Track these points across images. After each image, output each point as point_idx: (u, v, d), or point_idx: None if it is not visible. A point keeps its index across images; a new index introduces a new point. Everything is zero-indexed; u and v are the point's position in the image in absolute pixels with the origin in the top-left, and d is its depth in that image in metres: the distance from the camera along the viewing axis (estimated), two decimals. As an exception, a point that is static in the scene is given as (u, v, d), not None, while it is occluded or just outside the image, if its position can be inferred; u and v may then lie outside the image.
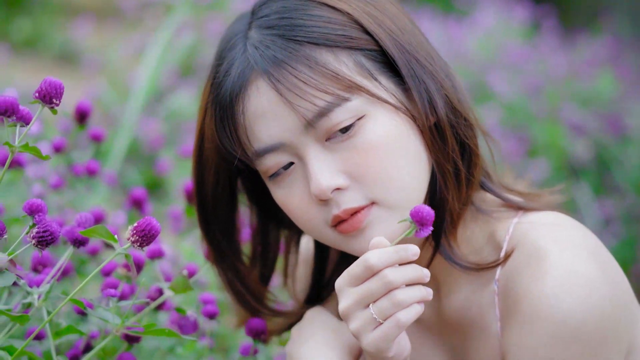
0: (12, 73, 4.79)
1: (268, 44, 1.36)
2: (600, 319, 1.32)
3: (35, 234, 1.26)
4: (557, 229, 1.41)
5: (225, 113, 1.39)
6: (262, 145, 1.37)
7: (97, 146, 2.00)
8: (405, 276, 1.26)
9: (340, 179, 1.36)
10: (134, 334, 1.38)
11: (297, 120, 1.35)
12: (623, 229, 4.14)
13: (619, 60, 5.46)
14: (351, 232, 1.38)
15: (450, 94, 1.42)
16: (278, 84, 1.34)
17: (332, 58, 1.36)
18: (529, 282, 1.35)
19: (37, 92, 1.25)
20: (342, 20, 1.38)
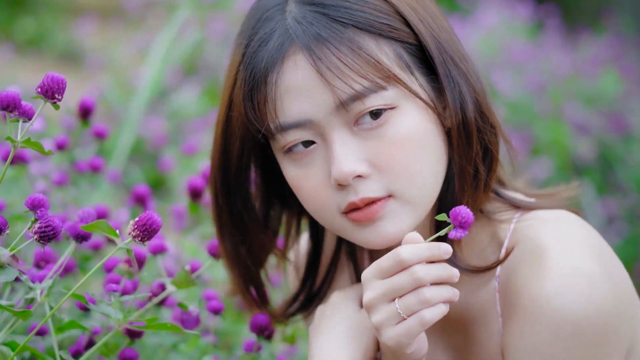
0: (15, 72, 4.80)
1: (311, 21, 1.34)
2: (602, 316, 1.31)
3: (38, 229, 1.26)
4: (558, 225, 1.40)
5: (256, 83, 1.37)
6: (289, 119, 1.36)
7: (100, 143, 2.00)
8: (435, 274, 1.26)
9: (363, 166, 1.35)
10: (136, 328, 1.38)
11: (330, 100, 1.33)
12: (626, 227, 4.15)
13: (623, 59, 5.46)
14: (363, 222, 1.37)
15: (481, 98, 1.42)
16: (319, 62, 1.32)
17: (374, 45, 1.35)
18: (530, 279, 1.35)
19: (40, 87, 1.25)
20: (386, 9, 1.37)
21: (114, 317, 1.35)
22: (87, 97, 1.84)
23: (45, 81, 1.25)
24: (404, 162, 1.35)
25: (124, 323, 1.36)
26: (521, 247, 1.39)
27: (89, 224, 1.26)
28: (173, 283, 1.43)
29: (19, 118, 1.26)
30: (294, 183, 1.41)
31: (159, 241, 1.58)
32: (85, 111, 1.84)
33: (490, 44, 5.06)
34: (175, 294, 1.58)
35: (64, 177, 1.93)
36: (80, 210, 1.45)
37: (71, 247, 1.40)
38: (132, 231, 1.26)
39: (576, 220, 1.42)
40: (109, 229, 1.26)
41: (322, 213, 1.41)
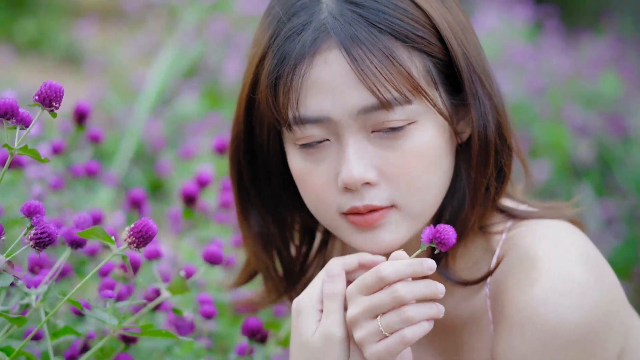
0: (16, 74, 4.81)
1: (350, 21, 1.33)
2: (591, 325, 1.32)
3: (33, 236, 1.27)
4: (547, 233, 1.41)
5: (284, 71, 1.35)
6: (309, 113, 1.35)
7: (96, 147, 2.01)
8: (417, 292, 1.26)
9: (372, 173, 1.35)
10: (130, 334, 1.39)
11: (355, 103, 1.33)
12: (625, 229, 4.14)
13: (622, 60, 5.45)
14: (362, 227, 1.38)
15: (502, 119, 1.41)
16: (354, 63, 1.31)
17: (407, 56, 1.34)
18: (519, 287, 1.35)
19: (37, 95, 1.25)
20: (422, 21, 1.36)
21: (108, 322, 1.35)
22: (82, 101, 1.84)
23: (43, 89, 1.25)
24: (413, 176, 1.35)
25: (119, 329, 1.37)
26: (511, 256, 1.40)
27: (84, 231, 1.27)
28: (168, 289, 1.43)
29: (17, 125, 1.27)
30: (299, 175, 1.41)
31: (154, 247, 1.59)
32: (80, 115, 1.84)
33: (490, 45, 5.04)
34: (170, 298, 1.58)
35: (60, 181, 1.94)
36: (76, 215, 1.45)
37: (66, 252, 1.41)
38: (128, 237, 1.26)
39: (566, 227, 1.42)
40: (105, 235, 1.27)
41: (322, 210, 1.41)
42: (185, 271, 1.56)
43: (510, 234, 1.43)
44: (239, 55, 4.34)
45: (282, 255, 1.56)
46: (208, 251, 1.52)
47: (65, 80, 5.27)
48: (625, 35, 6.20)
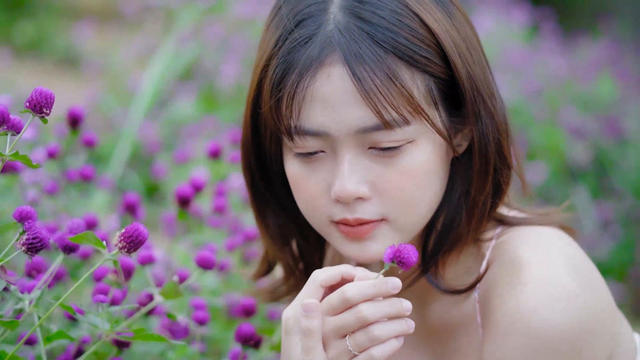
0: (14, 76, 4.82)
1: (356, 38, 1.32)
2: (579, 332, 1.33)
3: (25, 241, 1.27)
4: (536, 238, 1.42)
5: (287, 80, 1.35)
6: (309, 126, 1.35)
7: (90, 151, 2.02)
8: (381, 312, 1.25)
9: (365, 188, 1.35)
10: (124, 339, 1.40)
11: (354, 122, 1.33)
12: (621, 231, 4.17)
13: (619, 63, 5.46)
14: (351, 237, 1.39)
15: (503, 139, 1.41)
16: (357, 82, 1.31)
17: (409, 77, 1.33)
18: (507, 293, 1.36)
19: (28, 102, 1.26)
20: (428, 41, 1.34)
21: (101, 327, 1.36)
22: (75, 106, 1.85)
23: (34, 95, 1.26)
24: (406, 193, 1.35)
25: (112, 333, 1.38)
26: (500, 261, 1.41)
27: (76, 236, 1.28)
28: (161, 294, 1.45)
29: (8, 131, 1.27)
30: (294, 180, 1.41)
31: (147, 252, 1.59)
32: (74, 120, 1.85)
33: (488, 48, 5.09)
34: (163, 302, 1.59)
35: (55, 185, 1.95)
36: (69, 220, 1.46)
37: (60, 257, 1.41)
38: (119, 243, 1.27)
39: (556, 233, 1.43)
40: (96, 240, 1.28)
41: (314, 216, 1.42)
42: (179, 276, 1.57)
43: (500, 239, 1.44)
44: (235, 58, 4.36)
45: (302, 248, 1.57)
46: (201, 256, 1.52)
47: (63, 82, 5.30)
48: (623, 38, 6.22)
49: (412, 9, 1.34)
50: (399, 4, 1.34)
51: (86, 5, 6.85)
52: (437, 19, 1.35)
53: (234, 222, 2.18)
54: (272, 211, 1.54)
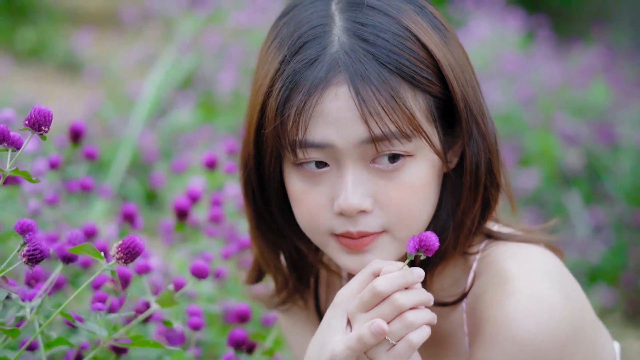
0: (16, 82, 4.85)
1: (361, 59, 1.37)
2: (560, 340, 1.38)
3: (26, 252, 1.31)
4: (521, 252, 1.46)
5: (294, 100, 1.38)
6: (313, 139, 1.38)
7: (91, 164, 2.06)
8: (413, 299, 1.31)
9: (368, 202, 1.39)
10: (121, 345, 1.43)
11: (359, 134, 1.36)
12: (614, 236, 4.19)
13: (612, 69, 5.46)
14: (352, 249, 1.43)
15: (494, 158, 1.46)
16: (362, 103, 1.35)
17: (411, 96, 1.38)
18: (493, 305, 1.41)
19: (27, 120, 1.30)
20: (428, 62, 1.39)
21: (99, 334, 1.40)
22: (77, 121, 1.89)
23: (33, 114, 1.30)
24: (406, 206, 1.40)
25: (110, 340, 1.41)
26: (486, 274, 1.46)
27: (76, 247, 1.32)
28: (157, 302, 1.46)
29: (8, 148, 1.31)
30: (296, 196, 1.44)
31: (144, 261, 1.63)
32: (75, 134, 1.90)
33: (482, 55, 5.07)
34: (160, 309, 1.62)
35: (56, 196, 1.99)
36: (68, 231, 1.49)
37: (59, 267, 1.44)
38: (116, 254, 1.32)
39: (539, 250, 1.48)
40: (94, 251, 1.31)
41: (314, 230, 1.45)
42: (175, 283, 1.62)
43: (486, 252, 1.48)
44: (233, 66, 4.38)
45: (295, 263, 1.60)
46: (195, 266, 1.56)
47: (64, 88, 5.32)
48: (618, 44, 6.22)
49: (412, 32, 1.39)
50: (400, 27, 1.39)
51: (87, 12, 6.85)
52: (435, 42, 1.40)
53: (229, 231, 2.21)
54: (268, 227, 1.57)
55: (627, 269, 4.14)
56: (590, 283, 4.08)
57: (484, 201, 1.46)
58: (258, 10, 4.54)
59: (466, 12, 5.87)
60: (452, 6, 6.09)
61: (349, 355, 1.33)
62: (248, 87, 4.03)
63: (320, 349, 1.37)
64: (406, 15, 1.41)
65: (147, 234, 2.81)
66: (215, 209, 2.14)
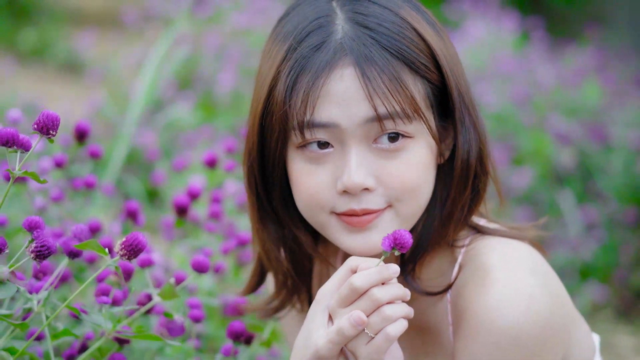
0: (19, 81, 4.88)
1: (365, 43, 1.44)
2: (538, 329, 1.44)
3: (34, 249, 1.37)
4: (503, 246, 1.53)
5: (302, 83, 1.45)
6: (319, 119, 1.45)
7: (95, 162, 2.11)
8: (390, 293, 1.37)
9: (371, 180, 1.46)
10: (124, 336, 1.49)
11: (364, 112, 1.43)
12: (606, 234, 4.20)
13: (605, 70, 5.46)
14: (355, 227, 1.49)
15: (484, 146, 1.53)
16: (367, 81, 1.42)
17: (412, 81, 1.45)
18: (475, 295, 1.47)
19: (36, 124, 1.36)
20: (426, 51, 1.47)
21: (104, 325, 1.46)
22: (82, 121, 1.95)
23: (41, 119, 1.36)
24: (408, 181, 1.46)
25: (113, 332, 1.47)
26: (470, 267, 1.52)
27: (81, 243, 1.38)
28: (159, 295, 1.54)
29: (18, 150, 1.37)
30: (297, 176, 1.50)
31: (146, 256, 1.69)
32: (81, 134, 1.95)
33: (478, 56, 5.09)
34: (161, 302, 1.64)
35: (61, 193, 2.04)
36: (74, 226, 1.54)
37: (65, 261, 1.51)
38: (120, 250, 1.38)
39: (521, 245, 1.55)
40: (99, 248, 1.38)
41: (315, 210, 1.51)
42: (176, 278, 1.66)
43: (472, 246, 1.55)
44: (232, 67, 4.41)
45: (293, 256, 1.65)
46: (196, 261, 1.61)
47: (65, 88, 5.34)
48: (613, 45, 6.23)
49: (410, 23, 1.48)
50: (399, 18, 1.48)
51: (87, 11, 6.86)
52: (430, 34, 1.49)
53: (228, 227, 2.25)
54: (269, 217, 1.62)
55: (619, 266, 4.17)
56: (582, 280, 4.11)
57: (473, 189, 1.53)
58: (257, 11, 4.58)
59: (463, 13, 5.89)
60: (449, 7, 6.12)
61: (331, 348, 1.38)
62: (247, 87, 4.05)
63: (305, 344, 1.42)
64: (403, 10, 1.49)
65: (149, 230, 2.86)
66: (215, 206, 2.18)
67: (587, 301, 3.98)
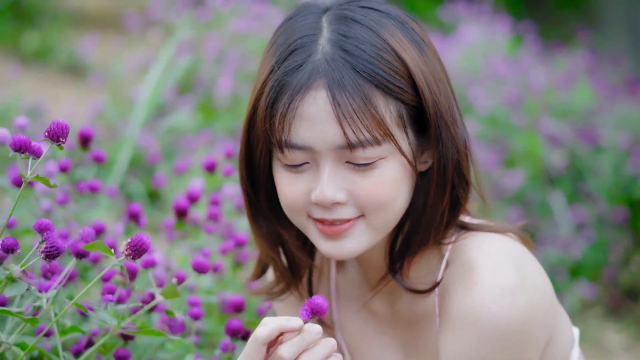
0: (21, 84, 4.88)
1: (339, 67, 1.49)
2: (521, 324, 1.51)
3: (44, 249, 1.43)
4: (487, 242, 1.59)
5: (280, 101, 1.51)
6: (296, 141, 1.51)
7: (99, 166, 2.15)
8: (321, 354, 1.39)
9: (342, 194, 1.53)
10: (128, 332, 1.55)
11: (335, 138, 1.49)
12: (595, 234, 4.26)
13: (595, 73, 5.49)
14: (330, 236, 1.56)
15: (462, 159, 1.57)
16: (337, 106, 1.47)
17: (383, 103, 1.50)
18: (460, 292, 1.54)
19: (47, 132, 1.42)
20: (402, 72, 1.51)
21: (109, 322, 1.52)
22: (86, 127, 1.99)
23: (52, 127, 1.43)
24: (379, 196, 1.52)
25: (118, 328, 1.53)
26: (456, 263, 1.59)
27: (89, 244, 1.44)
28: (161, 294, 1.59)
29: (29, 156, 1.44)
30: (280, 184, 1.58)
31: (149, 256, 1.73)
32: (84, 139, 2.00)
33: (471, 59, 5.10)
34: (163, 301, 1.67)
35: (66, 196, 2.08)
36: (81, 228, 1.60)
37: (72, 261, 1.56)
38: (125, 250, 1.44)
39: (504, 239, 1.61)
40: (105, 248, 1.44)
41: (295, 214, 1.59)
42: (177, 277, 1.71)
43: (458, 243, 1.61)
44: (231, 71, 4.42)
45: (287, 250, 1.71)
46: (196, 262, 1.66)
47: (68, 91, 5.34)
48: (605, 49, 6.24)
49: (390, 44, 1.53)
50: (380, 39, 1.53)
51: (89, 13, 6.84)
52: (411, 54, 1.54)
53: (227, 228, 2.29)
54: (262, 217, 1.69)
55: (608, 264, 4.24)
56: (572, 278, 4.15)
57: (452, 199, 1.59)
58: (255, 17, 4.59)
59: (457, 16, 5.90)
60: (444, 10, 6.13)
61: None
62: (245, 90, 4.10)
63: None
64: (386, 29, 1.54)
65: (150, 230, 2.88)
66: (214, 208, 2.22)
67: (577, 299, 4.02)
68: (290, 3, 4.75)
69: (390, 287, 1.69)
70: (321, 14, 1.57)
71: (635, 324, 4.06)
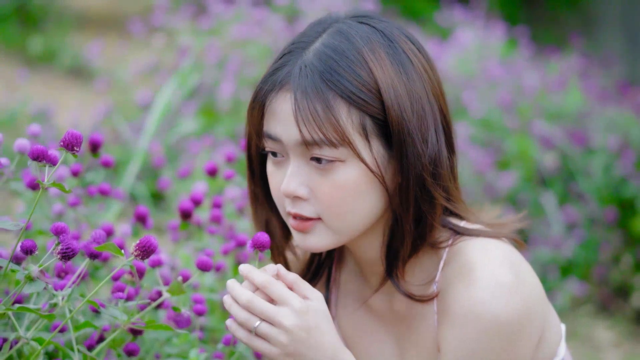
0: (28, 88, 4.91)
1: (309, 74, 1.58)
2: (517, 318, 1.58)
3: (60, 250, 1.49)
4: (484, 244, 1.66)
5: (260, 98, 1.63)
6: (269, 132, 1.62)
7: (107, 171, 2.20)
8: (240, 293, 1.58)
9: (303, 190, 1.62)
10: (137, 328, 1.61)
11: (297, 136, 1.58)
12: (586, 233, 4.30)
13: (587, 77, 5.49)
14: (298, 230, 1.66)
15: (427, 177, 1.60)
16: (297, 110, 1.57)
17: (345, 111, 1.56)
18: (461, 290, 1.61)
19: (62, 142, 1.50)
20: (371, 87, 1.57)
21: (120, 318, 1.58)
22: (95, 134, 2.04)
23: (67, 137, 1.50)
24: (335, 203, 1.60)
25: (128, 323, 1.59)
26: (454, 264, 1.66)
27: (101, 246, 1.51)
28: (168, 291, 1.65)
29: (46, 164, 1.51)
30: (268, 175, 1.70)
31: (156, 256, 1.80)
32: (94, 146, 2.06)
33: (466, 63, 5.11)
34: (170, 298, 1.74)
35: (77, 199, 2.14)
36: (92, 230, 1.65)
37: (85, 261, 1.61)
38: (134, 251, 1.51)
39: (498, 242, 1.67)
40: (116, 249, 1.50)
41: (279, 205, 1.70)
42: (182, 276, 1.77)
43: (455, 246, 1.68)
44: (233, 76, 4.46)
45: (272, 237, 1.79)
46: (200, 260, 1.70)
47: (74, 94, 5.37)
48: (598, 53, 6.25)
49: (365, 59, 1.60)
50: (357, 54, 1.61)
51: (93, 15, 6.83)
52: (385, 71, 1.60)
53: (228, 230, 2.33)
54: (260, 206, 1.80)
55: (598, 263, 4.28)
56: (564, 276, 4.18)
57: (417, 212, 1.64)
58: (256, 23, 4.62)
59: (454, 21, 5.91)
60: (441, 16, 6.14)
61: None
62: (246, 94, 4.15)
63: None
64: (369, 45, 1.61)
65: (156, 231, 2.94)
66: (216, 210, 2.26)
67: (568, 296, 4.07)
68: (289, 10, 4.80)
69: (389, 285, 1.76)
70: (328, 26, 1.66)
71: (624, 321, 4.10)
